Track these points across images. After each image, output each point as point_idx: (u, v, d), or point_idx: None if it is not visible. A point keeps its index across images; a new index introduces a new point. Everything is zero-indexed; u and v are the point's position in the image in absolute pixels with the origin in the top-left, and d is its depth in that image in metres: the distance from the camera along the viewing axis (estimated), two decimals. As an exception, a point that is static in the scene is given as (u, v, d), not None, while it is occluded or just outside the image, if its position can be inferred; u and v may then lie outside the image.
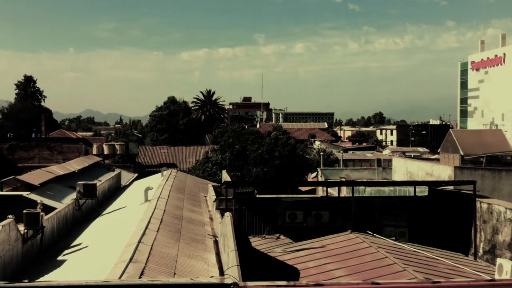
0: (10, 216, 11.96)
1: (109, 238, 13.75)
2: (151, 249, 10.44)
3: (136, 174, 39.50)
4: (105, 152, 49.16)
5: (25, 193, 21.94)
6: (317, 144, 71.68)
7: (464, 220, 17.08)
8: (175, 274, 9.45)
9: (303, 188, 36.54)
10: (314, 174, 44.74)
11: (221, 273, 10.17)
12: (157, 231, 12.17)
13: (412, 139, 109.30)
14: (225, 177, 24.22)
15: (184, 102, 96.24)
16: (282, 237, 18.30)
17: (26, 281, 6.98)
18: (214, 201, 17.76)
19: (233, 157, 41.76)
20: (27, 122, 69.90)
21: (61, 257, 13.04)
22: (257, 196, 21.17)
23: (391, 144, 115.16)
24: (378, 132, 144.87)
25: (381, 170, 40.25)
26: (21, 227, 12.65)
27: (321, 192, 31.37)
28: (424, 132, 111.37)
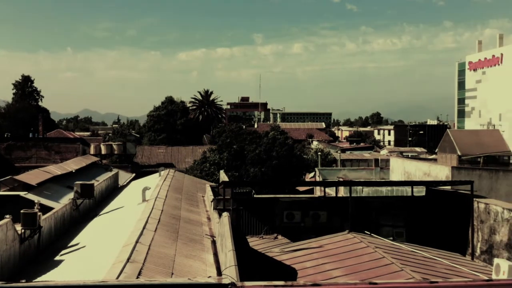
0: (8, 216, 11.95)
1: (106, 238, 13.74)
2: (148, 249, 10.43)
3: (134, 174, 39.43)
4: (103, 152, 49.13)
5: (22, 193, 21.88)
6: (314, 144, 71.71)
7: (462, 220, 17.10)
8: (172, 274, 9.45)
9: (301, 188, 36.56)
10: (312, 174, 44.77)
11: (219, 273, 10.16)
12: (155, 231, 12.16)
13: (410, 139, 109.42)
14: (223, 177, 24.20)
15: (182, 102, 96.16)
16: (279, 237, 18.29)
17: (23, 281, 6.97)
18: (211, 201, 17.76)
19: (230, 157, 41.75)
20: (25, 122, 69.77)
21: (58, 257, 13.02)
22: (254, 196, 21.14)
23: (389, 144, 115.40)
24: (376, 132, 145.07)
25: (379, 170, 40.31)
26: (19, 227, 12.64)
27: (318, 192, 31.38)
28: (422, 132, 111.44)
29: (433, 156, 46.59)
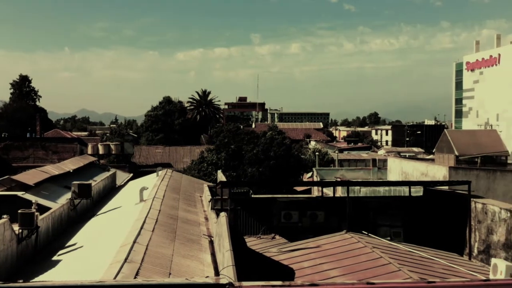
0: (5, 216, 11.92)
1: (104, 238, 13.72)
2: (146, 249, 10.42)
3: (131, 174, 39.44)
4: (100, 152, 49.11)
5: (19, 193, 21.86)
6: (312, 144, 71.75)
7: (459, 220, 17.12)
8: (170, 274, 9.44)
9: (299, 188, 36.60)
10: (310, 174, 44.81)
11: (217, 273, 10.16)
12: (152, 231, 12.15)
13: (407, 139, 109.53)
14: (221, 177, 24.20)
15: (180, 102, 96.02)
16: (277, 237, 18.30)
17: (20, 281, 6.95)
18: (209, 201, 17.75)
19: (228, 157, 41.72)
20: (22, 122, 69.70)
21: (56, 257, 13.01)
22: (252, 196, 21.14)
23: (386, 144, 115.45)
24: (373, 132, 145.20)
25: (376, 170, 40.39)
26: (16, 227, 12.62)
27: (316, 192, 31.43)
28: (419, 132, 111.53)
29: (431, 156, 46.62)
